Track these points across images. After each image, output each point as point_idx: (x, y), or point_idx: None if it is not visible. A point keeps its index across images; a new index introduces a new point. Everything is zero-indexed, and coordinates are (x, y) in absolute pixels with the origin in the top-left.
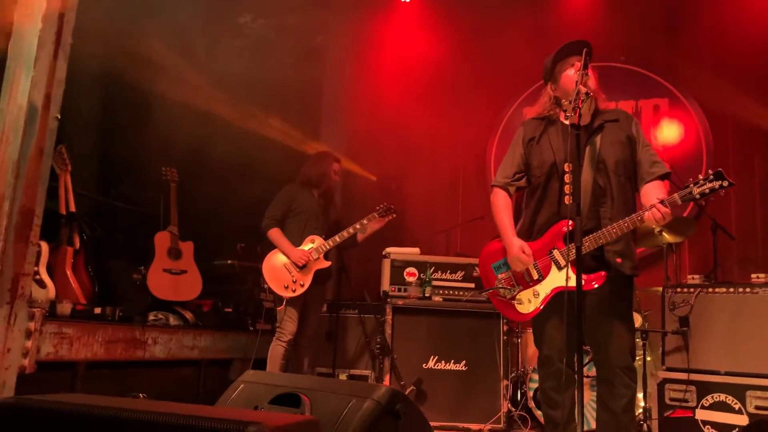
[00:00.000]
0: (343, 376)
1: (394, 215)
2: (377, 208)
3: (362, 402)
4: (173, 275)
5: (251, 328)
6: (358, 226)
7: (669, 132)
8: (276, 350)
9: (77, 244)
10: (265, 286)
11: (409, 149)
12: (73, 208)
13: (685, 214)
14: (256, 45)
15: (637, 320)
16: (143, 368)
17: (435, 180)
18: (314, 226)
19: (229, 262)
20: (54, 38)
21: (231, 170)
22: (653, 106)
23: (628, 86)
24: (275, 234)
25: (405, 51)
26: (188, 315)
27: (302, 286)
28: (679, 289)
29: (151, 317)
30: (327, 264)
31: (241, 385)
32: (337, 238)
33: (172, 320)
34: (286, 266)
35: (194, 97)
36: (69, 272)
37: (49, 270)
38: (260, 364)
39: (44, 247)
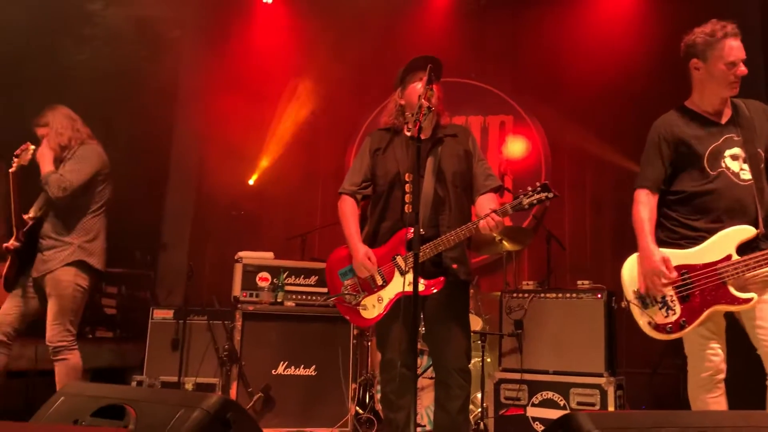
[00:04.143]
0: (189, 385)
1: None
2: None
3: (191, 412)
4: None
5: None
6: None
7: (514, 147)
8: None
9: None
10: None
11: (268, 152)
12: None
13: (524, 225)
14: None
15: (478, 323)
16: None
17: (294, 184)
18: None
19: None
20: None
21: None
22: (500, 122)
23: (478, 102)
24: None
25: (266, 52)
26: None
27: None
28: (515, 294)
29: None
30: None
31: (62, 398)
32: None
33: None
34: None
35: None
36: None
37: None
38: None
39: None
